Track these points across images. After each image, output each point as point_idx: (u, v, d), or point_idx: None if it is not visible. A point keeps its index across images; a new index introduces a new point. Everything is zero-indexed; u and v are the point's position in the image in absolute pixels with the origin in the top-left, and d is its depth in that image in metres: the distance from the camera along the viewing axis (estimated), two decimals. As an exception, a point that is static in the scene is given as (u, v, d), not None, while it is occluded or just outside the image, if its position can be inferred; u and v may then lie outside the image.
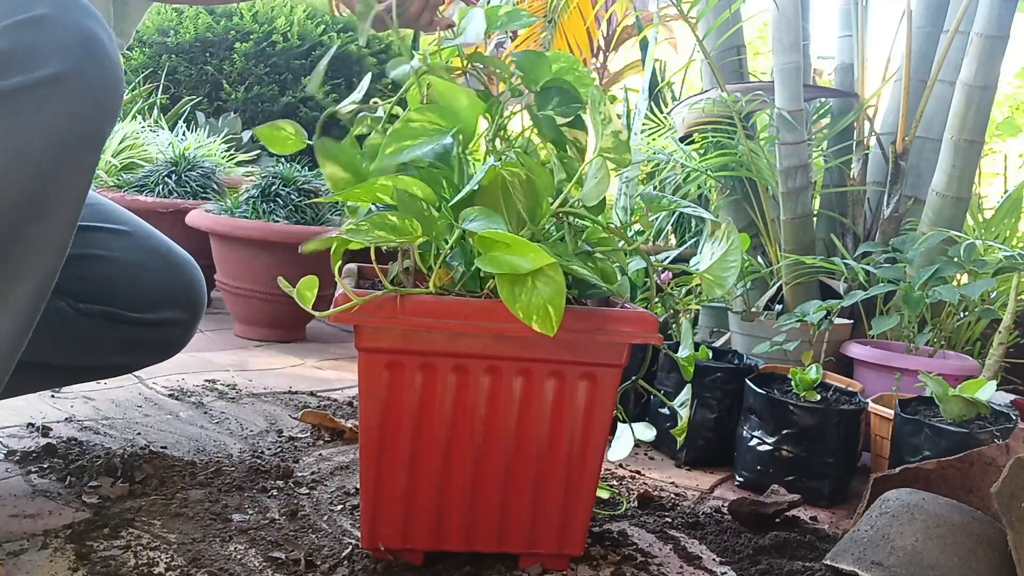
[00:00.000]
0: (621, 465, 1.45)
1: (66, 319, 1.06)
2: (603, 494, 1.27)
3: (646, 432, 1.16)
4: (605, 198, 1.01)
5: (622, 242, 1.06)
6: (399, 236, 0.89)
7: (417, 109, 0.93)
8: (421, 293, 0.92)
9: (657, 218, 2.58)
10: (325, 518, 1.10)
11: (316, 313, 0.90)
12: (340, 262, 0.96)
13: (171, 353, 1.24)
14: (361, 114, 1.03)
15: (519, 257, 0.85)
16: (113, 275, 1.11)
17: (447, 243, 0.92)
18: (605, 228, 1.03)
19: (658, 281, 1.10)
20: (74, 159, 0.79)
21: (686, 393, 1.11)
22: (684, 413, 1.14)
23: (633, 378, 1.15)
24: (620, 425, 1.14)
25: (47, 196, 0.78)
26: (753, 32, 5.67)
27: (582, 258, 0.97)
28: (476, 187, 0.93)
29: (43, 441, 1.25)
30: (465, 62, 1.04)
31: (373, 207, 1.01)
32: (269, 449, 1.34)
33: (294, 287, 0.91)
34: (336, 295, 0.92)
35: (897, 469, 1.16)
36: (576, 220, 1.01)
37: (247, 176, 2.77)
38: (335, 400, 1.68)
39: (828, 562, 1.03)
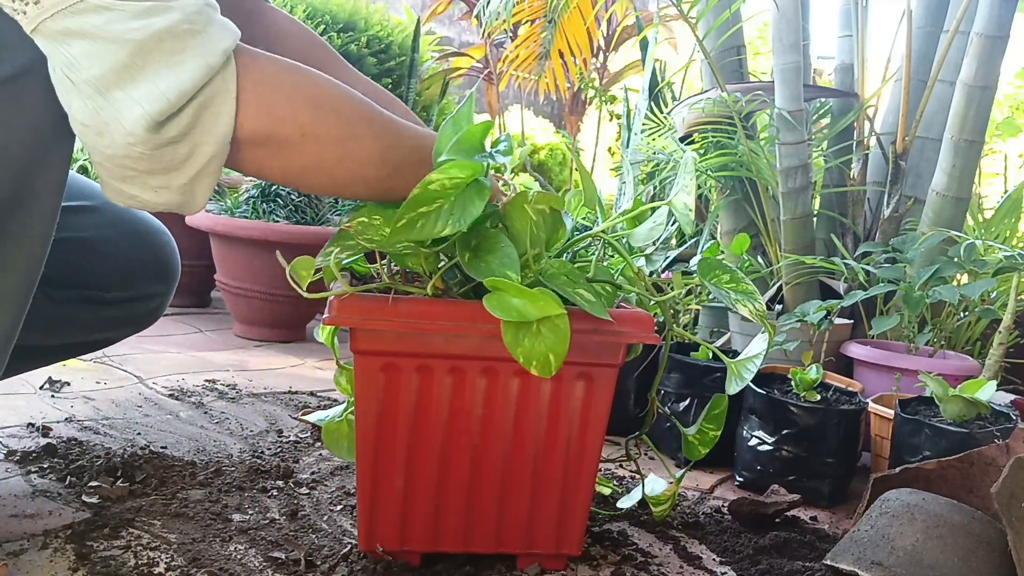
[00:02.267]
0: (621, 465, 1.45)
1: (41, 306, 1.00)
2: (604, 491, 1.27)
3: (657, 484, 1.21)
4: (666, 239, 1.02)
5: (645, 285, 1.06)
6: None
7: (439, 168, 0.84)
8: (417, 294, 0.92)
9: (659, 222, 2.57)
10: (325, 518, 1.10)
11: (308, 294, 0.90)
12: (337, 257, 0.95)
13: (149, 324, 1.21)
14: None
15: (528, 303, 0.85)
16: (86, 258, 1.07)
17: (452, 260, 0.91)
18: (636, 273, 1.04)
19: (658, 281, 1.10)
20: (52, 148, 0.77)
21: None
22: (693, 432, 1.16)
23: (649, 394, 1.16)
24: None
25: (28, 188, 0.76)
26: (753, 32, 5.67)
27: (600, 285, 0.96)
28: (493, 210, 0.92)
29: (43, 441, 1.25)
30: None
31: None
32: (269, 449, 1.34)
33: (292, 289, 0.91)
34: (331, 287, 0.92)
35: (897, 469, 1.16)
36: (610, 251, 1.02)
37: (247, 176, 2.77)
38: (335, 400, 1.68)
39: (828, 562, 1.03)
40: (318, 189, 0.87)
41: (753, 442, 1.41)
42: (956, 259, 1.73)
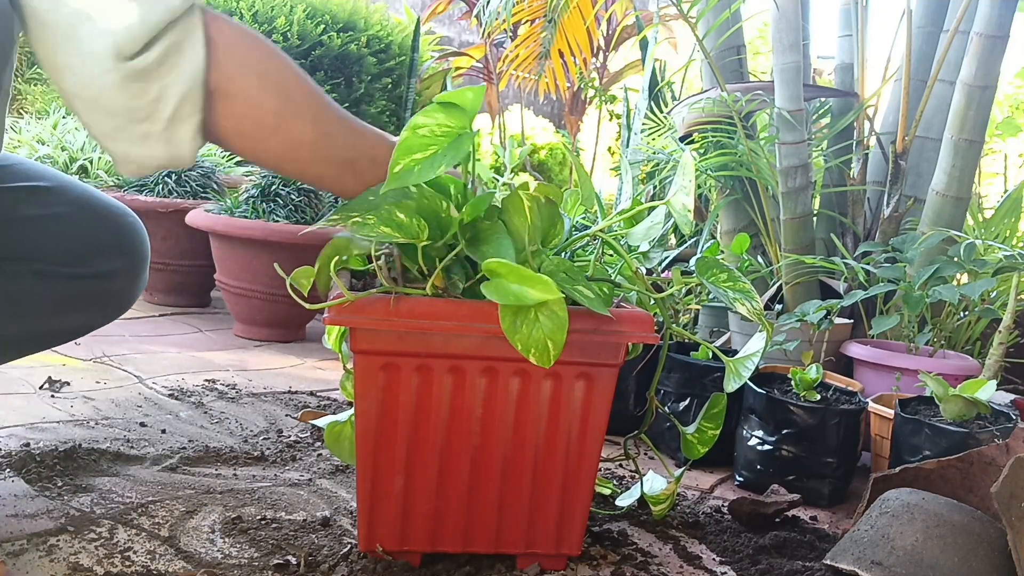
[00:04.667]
0: (621, 465, 1.45)
1: None
2: (604, 491, 1.27)
3: (656, 483, 1.20)
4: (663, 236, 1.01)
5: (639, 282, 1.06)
6: (405, 235, 0.88)
7: (424, 111, 0.87)
8: (417, 294, 0.92)
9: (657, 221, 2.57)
10: (325, 518, 1.10)
11: (309, 306, 0.90)
12: (337, 258, 0.95)
13: (121, 308, 1.17)
14: None
15: (526, 287, 0.85)
16: (35, 232, 1.05)
17: (452, 251, 0.91)
18: (634, 272, 1.04)
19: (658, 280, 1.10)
20: None
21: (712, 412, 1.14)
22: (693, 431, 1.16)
23: (648, 394, 1.16)
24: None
25: None
26: (753, 32, 5.67)
27: (598, 284, 0.96)
28: (494, 204, 0.92)
29: (43, 441, 1.25)
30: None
31: None
32: (269, 449, 1.34)
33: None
34: (331, 294, 0.92)
35: (897, 469, 1.16)
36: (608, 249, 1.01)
37: (247, 176, 2.77)
38: (335, 400, 1.68)
39: (828, 562, 1.03)
40: (257, 158, 0.92)
41: (753, 442, 1.41)
42: (956, 259, 1.72)
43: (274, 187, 2.18)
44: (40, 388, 1.52)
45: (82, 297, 1.10)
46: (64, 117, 3.04)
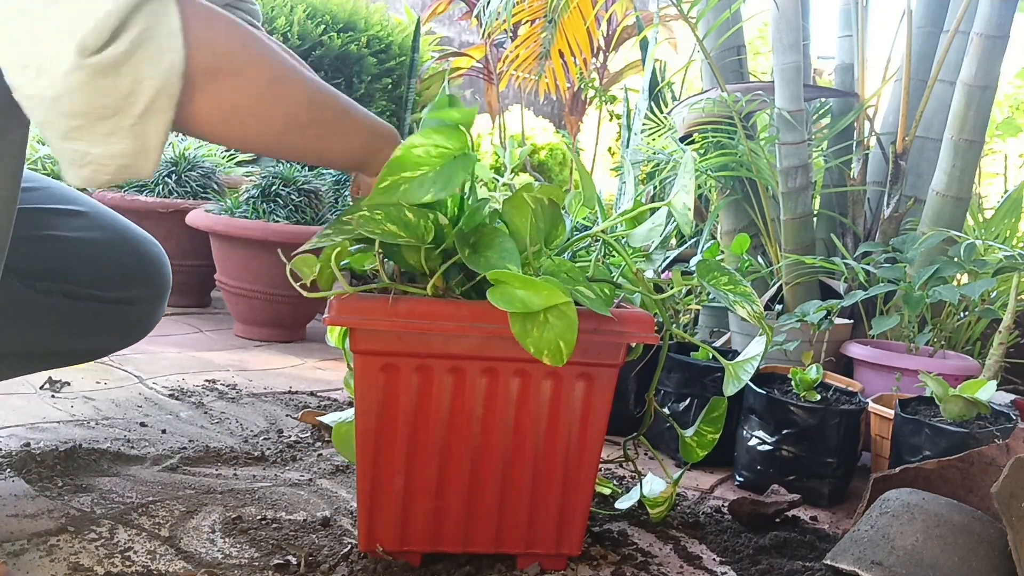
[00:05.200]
0: (621, 465, 1.45)
1: (23, 299, 1.02)
2: (604, 491, 1.27)
3: (656, 485, 1.20)
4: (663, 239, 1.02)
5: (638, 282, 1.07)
6: (411, 234, 0.88)
7: (423, 132, 0.85)
8: (418, 293, 0.92)
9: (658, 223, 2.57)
10: (325, 518, 1.10)
11: (308, 294, 0.90)
12: (340, 249, 0.95)
13: (140, 333, 1.18)
14: None
15: (532, 294, 0.85)
16: (69, 253, 1.07)
17: (451, 259, 0.91)
18: (634, 273, 1.04)
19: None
20: (3, 132, 0.77)
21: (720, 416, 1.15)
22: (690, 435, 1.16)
23: (647, 395, 1.16)
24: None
25: None
26: (753, 32, 5.67)
27: (599, 285, 0.96)
28: (492, 208, 0.92)
29: (43, 441, 1.25)
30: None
31: None
32: (269, 449, 1.34)
33: (292, 289, 0.91)
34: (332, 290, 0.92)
35: (897, 469, 1.16)
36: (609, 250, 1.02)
37: (247, 176, 2.77)
38: (335, 400, 1.68)
39: (828, 562, 1.03)
40: (256, 138, 0.83)
41: (753, 442, 1.41)
42: (956, 259, 1.73)
43: (274, 187, 2.18)
44: (40, 388, 1.52)
45: (106, 320, 1.13)
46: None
